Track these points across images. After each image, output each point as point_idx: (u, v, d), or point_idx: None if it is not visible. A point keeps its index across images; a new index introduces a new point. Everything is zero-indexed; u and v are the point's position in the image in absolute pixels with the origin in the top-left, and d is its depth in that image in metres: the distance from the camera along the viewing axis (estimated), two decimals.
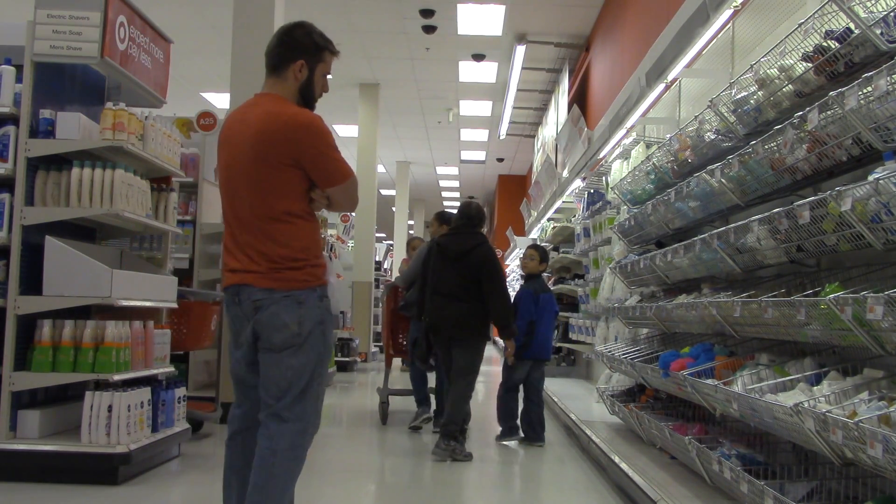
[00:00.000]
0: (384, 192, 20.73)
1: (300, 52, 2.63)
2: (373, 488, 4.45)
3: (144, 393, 4.16)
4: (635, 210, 4.73)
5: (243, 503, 2.59)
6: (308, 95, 2.69)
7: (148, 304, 4.38)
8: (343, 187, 2.62)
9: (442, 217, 6.29)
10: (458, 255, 5.11)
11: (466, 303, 5.04)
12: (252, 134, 2.56)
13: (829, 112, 2.43)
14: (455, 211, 5.65)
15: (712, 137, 3.54)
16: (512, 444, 5.60)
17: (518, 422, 5.63)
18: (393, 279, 6.83)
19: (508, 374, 5.58)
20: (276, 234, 2.56)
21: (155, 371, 4.40)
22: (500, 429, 5.71)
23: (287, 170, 2.54)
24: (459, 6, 9.10)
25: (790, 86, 2.81)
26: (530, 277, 5.93)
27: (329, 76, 2.75)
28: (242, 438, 2.67)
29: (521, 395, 5.70)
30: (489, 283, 5.04)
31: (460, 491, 4.43)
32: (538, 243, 7.32)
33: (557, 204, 9.64)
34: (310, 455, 2.71)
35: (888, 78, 2.11)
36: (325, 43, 2.69)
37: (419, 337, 5.41)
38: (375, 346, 13.84)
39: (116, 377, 3.98)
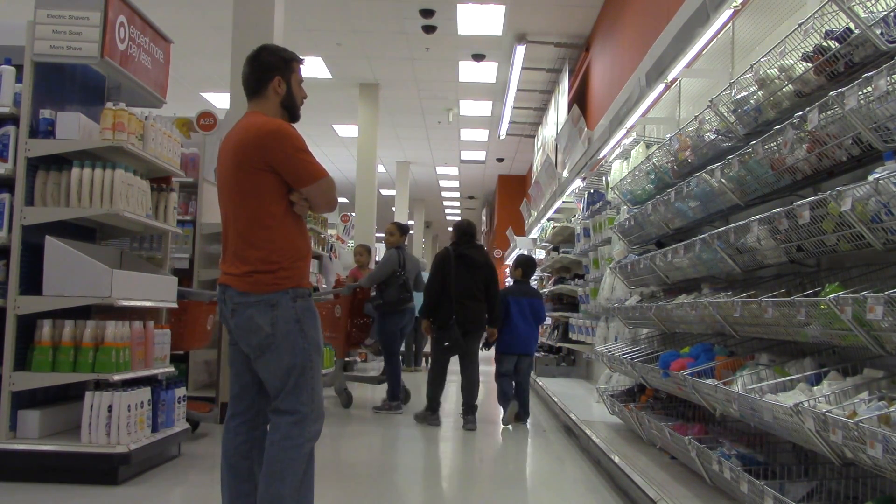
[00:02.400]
0: (384, 192, 20.73)
1: (274, 70, 2.85)
2: (374, 486, 4.44)
3: (144, 393, 4.16)
4: (635, 210, 4.73)
5: (235, 490, 2.79)
6: (291, 105, 2.89)
7: (148, 304, 4.38)
8: (316, 186, 2.76)
9: (403, 228, 7.46)
10: (480, 264, 6.37)
11: (482, 302, 6.35)
12: (231, 147, 2.77)
13: (829, 112, 2.43)
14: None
15: (712, 137, 3.53)
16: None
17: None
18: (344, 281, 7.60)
19: (497, 365, 6.73)
20: (255, 238, 2.71)
21: (155, 371, 4.40)
22: (503, 410, 6.62)
23: (262, 174, 2.70)
24: (459, 6, 9.09)
25: (790, 86, 2.81)
26: (516, 282, 7.06)
27: (302, 82, 2.95)
28: (236, 425, 2.82)
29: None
30: (495, 287, 6.44)
31: (460, 490, 4.43)
32: (525, 253, 8.10)
33: (557, 204, 9.64)
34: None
35: (888, 78, 2.11)
36: (291, 55, 2.91)
37: (457, 335, 6.28)
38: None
39: (116, 377, 3.98)
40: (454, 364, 6.75)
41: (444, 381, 6.53)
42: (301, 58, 2.96)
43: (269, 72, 2.83)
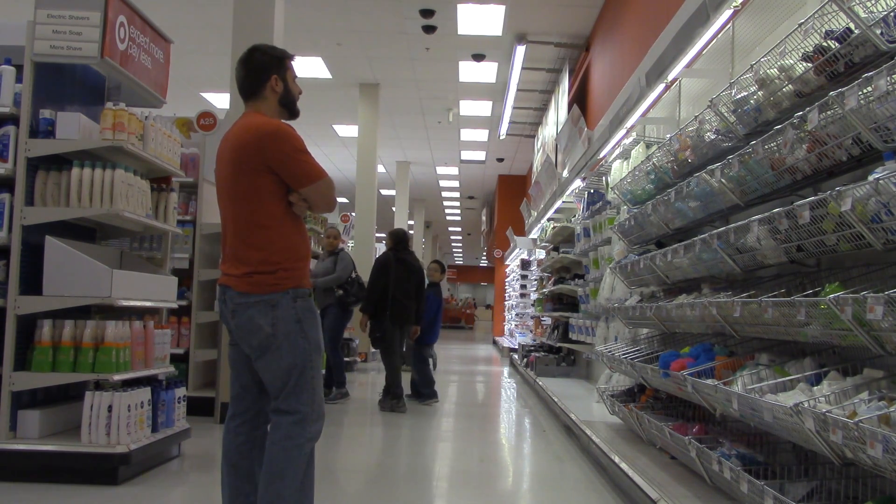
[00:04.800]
0: (384, 192, 20.72)
1: (269, 69, 2.86)
2: (373, 486, 4.45)
3: (144, 393, 4.16)
4: (635, 210, 4.73)
5: (235, 490, 2.79)
6: (289, 102, 2.90)
7: (148, 304, 4.39)
8: (315, 187, 2.76)
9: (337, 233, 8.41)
10: (416, 269, 7.47)
11: (414, 301, 7.40)
12: (230, 147, 2.77)
13: (829, 112, 2.42)
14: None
15: (712, 137, 3.53)
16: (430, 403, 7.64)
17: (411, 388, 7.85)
18: None
19: (421, 353, 7.92)
20: (254, 238, 2.72)
21: (155, 371, 4.41)
22: (422, 393, 7.82)
23: (261, 175, 2.70)
24: (459, 6, 9.09)
25: (790, 86, 2.81)
26: (432, 284, 8.41)
27: (296, 78, 2.96)
28: (236, 425, 2.82)
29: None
30: (423, 289, 7.59)
31: (460, 490, 4.44)
32: (439, 259, 9.45)
33: (557, 204, 9.63)
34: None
35: (888, 78, 2.11)
36: (283, 53, 2.92)
37: (389, 329, 7.25)
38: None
39: (116, 377, 3.98)
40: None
41: (400, 368, 7.36)
42: (292, 54, 2.97)
43: (265, 72, 2.84)
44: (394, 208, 19.75)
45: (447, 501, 4.18)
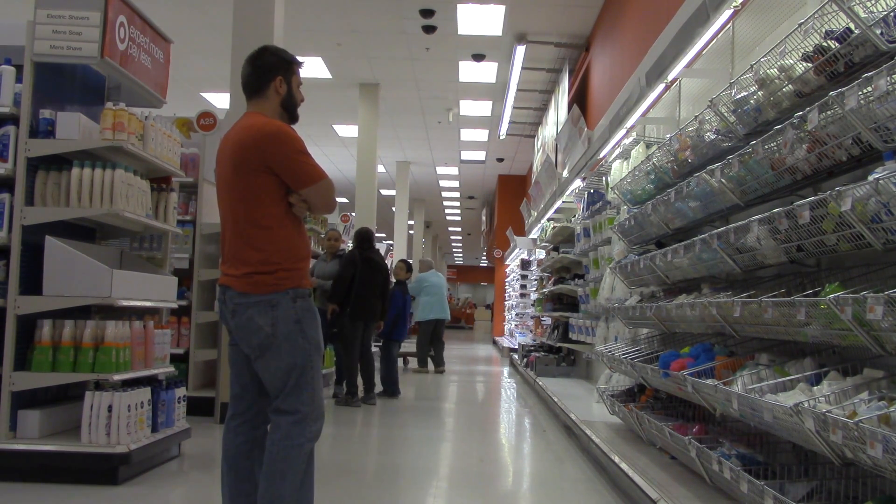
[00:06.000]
0: (384, 192, 20.72)
1: (276, 71, 2.87)
2: (373, 486, 4.45)
3: (144, 393, 4.16)
4: (635, 210, 4.72)
5: (235, 490, 2.80)
6: (290, 106, 2.91)
7: (148, 304, 4.39)
8: (315, 188, 2.77)
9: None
10: (381, 267, 7.81)
11: (379, 299, 7.69)
12: (230, 147, 2.78)
13: (829, 112, 2.42)
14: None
15: (712, 137, 3.53)
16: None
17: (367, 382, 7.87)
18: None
19: (391, 351, 8.51)
20: (254, 239, 2.72)
21: (155, 371, 4.41)
22: (384, 388, 8.27)
23: (261, 176, 2.70)
24: (459, 6, 9.09)
25: (790, 86, 2.81)
26: (399, 283, 8.81)
27: (301, 85, 2.99)
28: (236, 425, 2.83)
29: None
30: (388, 286, 7.99)
31: (460, 490, 4.44)
32: (406, 259, 9.91)
33: (557, 204, 9.63)
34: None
35: (888, 78, 2.11)
36: (292, 57, 2.94)
37: (347, 325, 7.49)
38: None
39: (116, 377, 3.99)
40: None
41: (357, 366, 7.60)
42: (300, 60, 2.99)
43: (270, 72, 2.85)
44: (394, 208, 19.75)
45: (447, 501, 4.18)
